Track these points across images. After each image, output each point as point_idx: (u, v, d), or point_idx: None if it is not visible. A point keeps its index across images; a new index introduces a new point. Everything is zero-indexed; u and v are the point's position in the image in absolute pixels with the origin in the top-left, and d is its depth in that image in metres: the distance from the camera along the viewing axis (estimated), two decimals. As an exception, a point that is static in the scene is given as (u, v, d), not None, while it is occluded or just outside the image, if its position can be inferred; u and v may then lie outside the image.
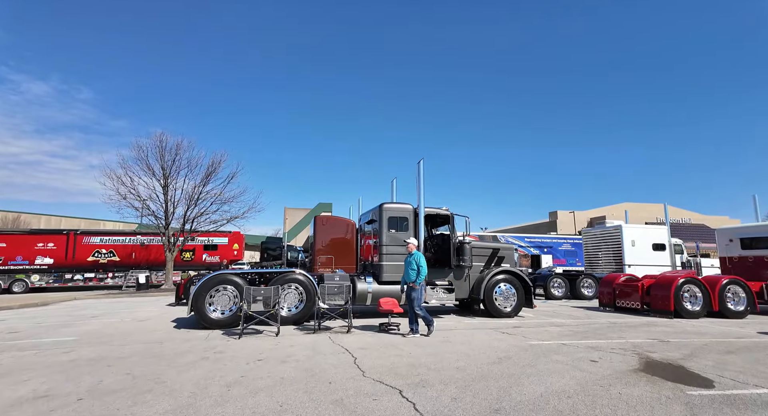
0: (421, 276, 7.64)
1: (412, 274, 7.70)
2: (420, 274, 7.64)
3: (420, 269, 7.67)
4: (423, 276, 7.64)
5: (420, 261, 7.73)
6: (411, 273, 7.71)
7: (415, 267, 7.74)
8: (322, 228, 16.17)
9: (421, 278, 7.64)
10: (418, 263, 7.73)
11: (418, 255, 7.84)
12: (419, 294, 7.71)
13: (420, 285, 7.66)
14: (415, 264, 7.75)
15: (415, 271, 7.68)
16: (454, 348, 6.42)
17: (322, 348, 6.35)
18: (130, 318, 10.12)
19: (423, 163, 10.59)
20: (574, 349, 6.48)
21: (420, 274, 7.64)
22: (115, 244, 26.78)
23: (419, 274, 7.64)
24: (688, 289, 10.95)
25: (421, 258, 7.77)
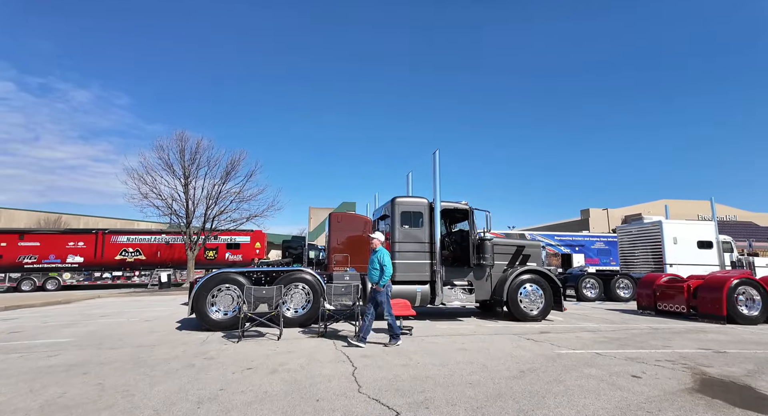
0: (386, 276, 6.70)
1: (374, 274, 6.78)
2: (384, 274, 6.70)
3: (384, 268, 6.73)
4: (387, 276, 6.72)
5: (383, 259, 6.79)
6: (373, 273, 6.79)
7: (377, 266, 6.78)
8: (338, 226, 15.67)
9: (386, 279, 6.71)
10: (380, 261, 6.77)
11: (382, 252, 6.90)
12: (385, 296, 6.74)
13: (385, 286, 6.73)
14: (378, 262, 6.79)
15: (378, 271, 6.74)
16: (470, 358, 5.66)
17: (322, 355, 5.74)
18: (137, 318, 9.90)
19: (438, 154, 9.83)
20: (611, 361, 5.58)
21: (384, 274, 6.70)
22: (141, 243, 27.31)
23: (383, 274, 6.70)
24: (744, 291, 9.67)
25: (384, 255, 6.82)
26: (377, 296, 6.77)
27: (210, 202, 22.12)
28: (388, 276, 6.73)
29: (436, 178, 9.74)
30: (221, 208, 22.45)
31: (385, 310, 6.69)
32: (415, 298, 9.29)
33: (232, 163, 22.68)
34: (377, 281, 6.74)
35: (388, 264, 6.77)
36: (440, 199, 9.72)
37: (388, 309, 6.68)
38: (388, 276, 6.73)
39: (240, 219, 22.98)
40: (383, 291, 6.73)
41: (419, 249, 9.49)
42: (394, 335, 6.55)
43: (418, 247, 9.49)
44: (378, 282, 6.73)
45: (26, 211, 54.49)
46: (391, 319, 6.60)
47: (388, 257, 6.86)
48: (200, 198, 22.23)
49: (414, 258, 9.43)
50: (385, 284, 6.73)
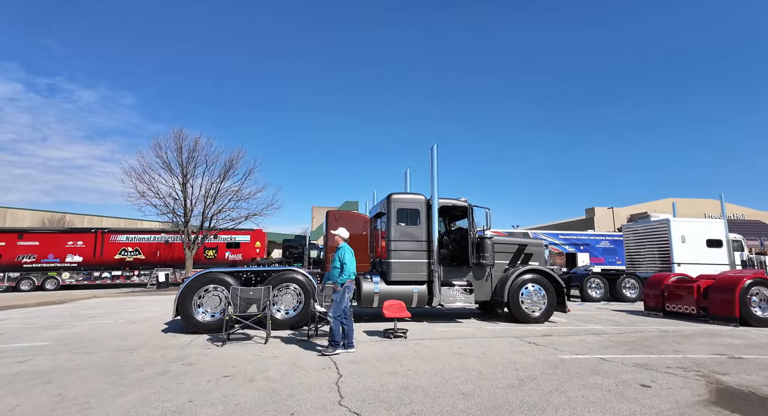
0: (345, 274, 6.14)
1: (334, 272, 6.30)
2: (343, 272, 6.15)
3: (344, 266, 6.18)
4: (347, 274, 6.14)
5: (344, 256, 6.27)
6: (334, 272, 6.31)
7: (338, 265, 6.27)
8: (336, 225, 15.32)
9: (344, 277, 6.12)
10: (341, 259, 6.26)
11: (344, 249, 6.40)
12: (340, 297, 6.11)
13: (343, 286, 6.15)
14: (338, 260, 6.30)
15: (338, 269, 6.23)
16: (465, 364, 5.28)
17: (307, 361, 5.39)
18: (125, 320, 9.60)
19: (436, 148, 9.44)
20: (618, 367, 5.18)
21: (343, 272, 6.15)
22: (140, 242, 27.11)
23: (342, 272, 6.16)
24: (758, 292, 9.21)
25: (346, 253, 6.31)
26: (333, 294, 6.26)
27: (208, 200, 21.84)
28: (347, 275, 6.15)
29: (433, 173, 9.35)
30: (219, 206, 22.16)
31: (331, 310, 6.08)
32: (412, 299, 8.92)
33: (230, 160, 22.39)
34: (335, 279, 6.21)
35: (349, 263, 6.22)
36: (438, 196, 9.33)
37: (335, 311, 6.01)
38: (347, 276, 6.15)
39: (239, 219, 22.69)
40: (340, 290, 6.16)
41: (416, 248, 9.11)
42: (332, 342, 5.88)
43: (414, 246, 9.12)
44: (336, 281, 6.19)
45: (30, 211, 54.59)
46: (334, 323, 5.95)
47: (350, 255, 6.32)
48: (198, 196, 21.96)
49: (411, 257, 9.05)
50: (343, 283, 6.16)
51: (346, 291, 6.17)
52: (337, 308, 6.05)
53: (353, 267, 6.25)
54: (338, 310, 6.03)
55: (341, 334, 5.96)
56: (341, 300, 6.10)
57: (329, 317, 6.05)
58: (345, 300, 6.11)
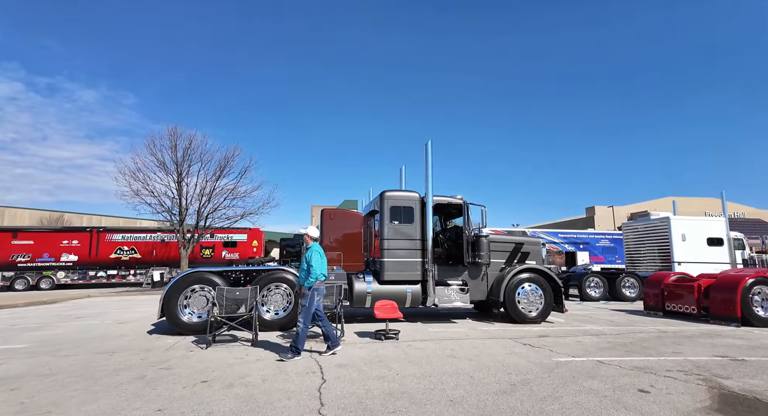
0: (312, 276, 5.64)
1: (302, 275, 5.85)
2: (310, 275, 5.66)
3: (311, 269, 5.68)
4: (314, 277, 5.66)
5: (311, 258, 5.74)
6: (301, 274, 5.87)
7: (305, 266, 5.78)
8: (330, 223, 15.06)
9: (312, 280, 5.64)
10: (308, 260, 5.76)
11: (313, 249, 5.86)
12: (309, 301, 5.66)
13: (311, 290, 5.66)
14: (305, 261, 5.81)
15: (306, 271, 5.76)
16: (457, 367, 5.07)
17: (292, 365, 5.17)
18: (112, 320, 9.39)
19: (431, 144, 9.21)
20: (615, 371, 4.97)
21: (310, 275, 5.66)
22: (136, 241, 26.90)
23: (309, 274, 5.68)
24: (760, 291, 8.99)
25: (313, 254, 5.77)
26: (301, 300, 5.78)
27: (203, 199, 21.60)
28: (315, 277, 5.67)
29: (428, 170, 9.12)
30: (215, 205, 21.93)
31: (300, 316, 5.66)
32: (406, 299, 8.71)
33: (225, 158, 22.14)
34: (303, 282, 5.76)
35: (316, 264, 5.70)
36: (433, 193, 9.10)
37: (304, 317, 5.60)
38: (315, 278, 5.67)
39: (234, 217, 22.44)
40: (308, 294, 5.69)
41: (410, 247, 8.89)
42: (294, 348, 5.48)
43: (408, 245, 8.89)
44: (303, 284, 5.74)
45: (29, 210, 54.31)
46: (302, 328, 5.54)
47: (317, 256, 5.79)
48: (194, 195, 21.72)
49: (404, 256, 8.83)
50: (311, 286, 5.67)
51: (315, 294, 5.76)
52: (307, 314, 5.64)
53: (321, 269, 5.80)
54: (308, 316, 5.65)
55: (304, 342, 5.62)
56: (311, 305, 5.69)
57: (299, 323, 5.63)
58: (315, 304, 5.72)
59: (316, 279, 5.72)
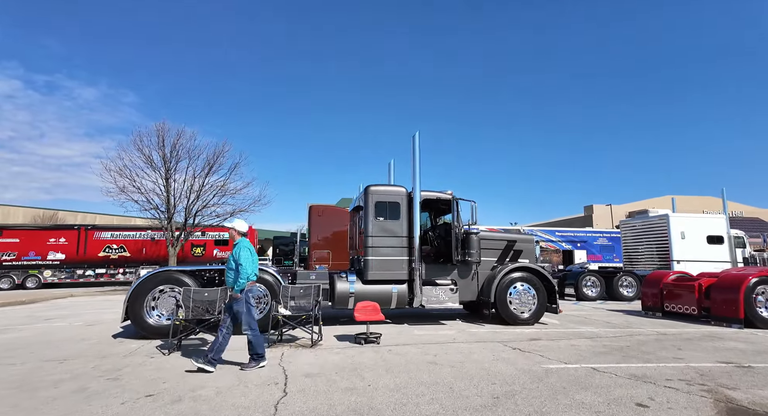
0: (242, 277, 4.96)
1: (230, 276, 5.11)
2: (240, 276, 4.96)
3: (239, 268, 4.97)
4: (245, 278, 4.98)
5: (240, 255, 5.00)
6: (229, 275, 5.13)
7: (233, 265, 5.06)
8: (318, 220, 14.59)
9: (243, 281, 4.97)
10: (236, 259, 5.03)
11: (241, 246, 5.13)
12: (244, 305, 5.02)
13: (244, 292, 5.03)
14: (233, 260, 5.09)
15: (234, 271, 5.06)
16: (437, 376, 4.60)
17: (256, 374, 4.70)
18: (82, 322, 8.90)
19: (419, 136, 8.73)
20: (611, 380, 4.51)
21: (240, 276, 4.96)
22: (125, 239, 26.39)
23: (238, 276, 4.98)
24: (763, 291, 8.56)
25: (242, 251, 5.05)
26: (233, 304, 5.06)
27: (192, 196, 21.07)
28: (245, 278, 4.99)
29: (415, 163, 8.65)
30: (204, 202, 21.39)
31: (243, 322, 5.03)
32: (391, 300, 8.25)
33: (215, 154, 21.58)
34: (232, 285, 5.07)
35: (246, 263, 5.00)
36: (421, 188, 8.63)
37: (247, 321, 5.02)
38: (245, 279, 5.00)
39: (224, 215, 21.91)
40: (241, 297, 5.02)
41: (396, 245, 8.42)
42: (255, 355, 4.97)
43: (394, 242, 8.42)
44: (233, 287, 5.04)
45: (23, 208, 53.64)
46: (252, 334, 4.98)
47: (246, 253, 5.08)
48: (182, 191, 21.17)
49: (390, 254, 8.36)
50: (242, 289, 5.02)
51: (249, 297, 5.11)
52: (249, 318, 5.06)
53: (252, 268, 5.12)
54: (251, 320, 5.06)
55: (263, 346, 5.13)
56: (249, 310, 5.07)
57: (244, 331, 5.02)
58: (252, 308, 5.14)
59: (247, 280, 5.05)
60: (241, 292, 5.03)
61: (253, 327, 5.01)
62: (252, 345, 5.00)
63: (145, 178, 20.85)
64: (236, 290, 5.01)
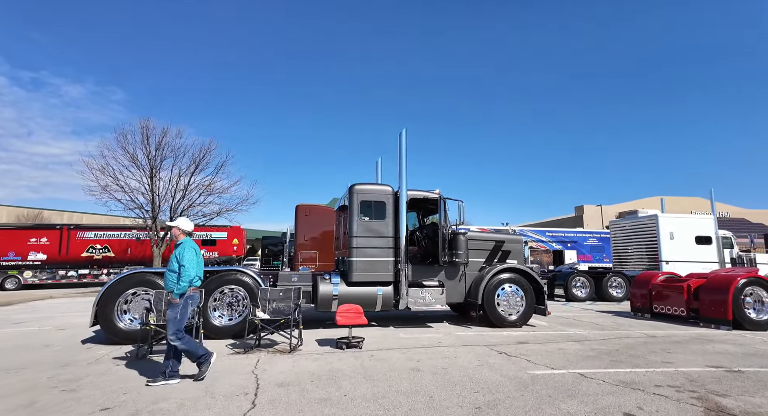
0: (184, 281, 4.47)
1: (170, 279, 4.61)
2: (182, 277, 4.49)
3: (182, 271, 4.50)
4: (186, 282, 4.48)
5: (183, 256, 4.54)
6: (169, 278, 4.63)
7: (176, 267, 4.59)
8: (305, 220, 14.27)
9: (184, 285, 4.47)
10: (178, 259, 4.58)
11: (185, 246, 4.67)
12: (180, 313, 4.50)
13: (183, 297, 4.54)
14: (176, 261, 4.62)
15: (176, 274, 4.57)
16: (418, 384, 4.38)
17: (225, 383, 4.43)
18: (52, 326, 8.52)
19: (405, 133, 8.51)
20: (598, 387, 4.33)
21: (182, 277, 4.49)
22: (110, 239, 25.81)
23: (180, 279, 4.50)
24: (752, 292, 8.50)
25: (185, 251, 4.60)
26: (169, 310, 4.56)
27: (177, 195, 20.62)
28: (187, 282, 4.48)
29: (402, 161, 8.42)
30: (190, 201, 20.95)
31: (170, 330, 4.43)
32: (376, 302, 8.01)
33: (201, 153, 21.15)
34: (172, 288, 4.55)
35: (189, 265, 4.52)
36: (408, 187, 8.41)
37: (176, 330, 4.44)
38: (187, 283, 4.48)
39: (211, 214, 21.50)
40: (179, 303, 4.49)
41: (381, 245, 8.19)
42: (199, 359, 4.48)
43: (380, 242, 8.18)
44: (173, 291, 4.53)
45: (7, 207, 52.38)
46: (181, 343, 4.43)
47: (191, 254, 4.60)
48: (167, 190, 20.72)
49: (375, 255, 8.12)
50: (183, 293, 4.52)
51: (188, 304, 4.58)
52: (180, 326, 4.51)
53: (197, 270, 4.62)
54: (180, 330, 4.51)
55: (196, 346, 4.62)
56: (182, 317, 4.51)
57: (171, 341, 4.44)
58: (186, 316, 4.61)
59: (189, 284, 4.53)
60: (181, 297, 4.53)
61: (181, 337, 4.48)
62: (189, 352, 4.51)
63: (129, 177, 20.39)
64: (176, 294, 4.50)
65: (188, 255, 4.57)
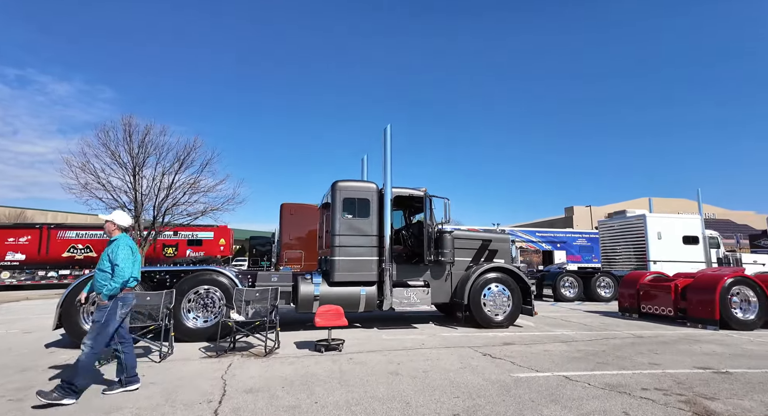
0: (115, 281, 3.99)
1: (100, 279, 4.09)
2: (114, 279, 4.01)
3: (115, 270, 4.02)
4: (118, 283, 3.99)
5: (116, 254, 4.06)
6: (99, 277, 4.10)
7: (107, 266, 4.10)
8: (290, 219, 14.01)
9: (116, 285, 3.98)
10: (111, 258, 4.08)
11: (119, 243, 4.16)
12: (107, 317, 3.98)
13: (114, 300, 4.04)
14: (108, 259, 4.11)
15: (107, 274, 4.08)
16: (395, 389, 4.15)
17: (190, 390, 4.15)
18: (19, 329, 8.10)
19: (390, 129, 8.29)
20: (583, 391, 4.14)
21: (114, 279, 4.01)
22: (92, 239, 25.16)
23: (113, 277, 4.02)
24: (738, 292, 8.43)
25: (119, 249, 4.10)
26: (95, 313, 4.04)
27: (160, 193, 20.13)
28: (119, 283, 3.99)
29: (386, 158, 8.19)
30: (174, 200, 20.47)
31: (89, 334, 3.93)
32: (359, 303, 7.77)
33: (185, 150, 20.68)
34: (101, 290, 4.03)
35: (124, 264, 4.04)
36: (393, 185, 8.18)
37: (95, 336, 3.90)
38: (118, 285, 3.99)
39: (195, 213, 21.04)
40: (107, 306, 3.98)
41: (365, 244, 7.95)
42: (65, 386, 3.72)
43: (363, 241, 7.94)
44: (101, 292, 4.01)
45: (-12, 207, 51.05)
46: (87, 354, 3.83)
47: (127, 252, 4.12)
48: (151, 188, 20.22)
49: (358, 254, 7.88)
50: (113, 294, 4.01)
51: (118, 306, 4.07)
52: (101, 333, 3.93)
53: (132, 271, 4.15)
54: (103, 337, 3.94)
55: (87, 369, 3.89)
56: (109, 321, 3.96)
57: (82, 345, 3.88)
58: (115, 322, 4.05)
59: (122, 285, 4.04)
60: (110, 299, 4.04)
61: (95, 347, 3.88)
62: (76, 368, 3.81)
63: (112, 175, 19.87)
64: (104, 295, 3.98)
65: (123, 254, 4.09)
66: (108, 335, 4.02)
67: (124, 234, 4.36)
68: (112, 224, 4.34)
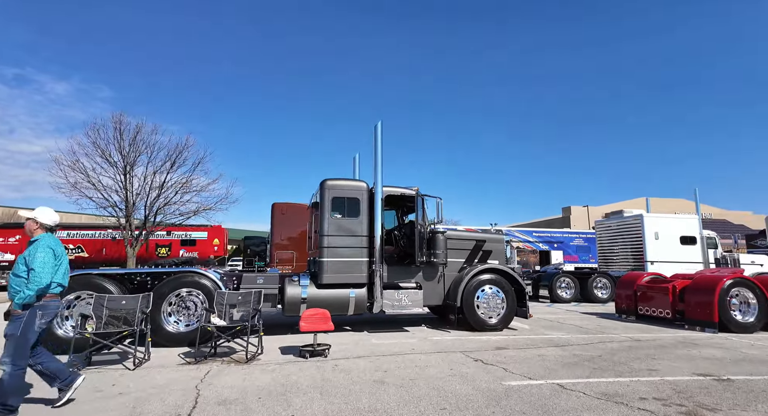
0: (33, 287, 3.45)
1: (14, 285, 3.58)
2: (29, 285, 3.46)
3: (31, 276, 3.48)
4: (34, 290, 3.45)
5: (34, 258, 3.53)
6: (13, 283, 3.59)
7: (22, 271, 3.57)
8: (282, 219, 13.71)
9: (30, 293, 3.44)
10: (28, 261, 3.56)
11: (40, 244, 3.64)
12: (22, 328, 3.45)
13: (34, 307, 3.52)
14: (23, 263, 3.60)
15: (23, 279, 3.54)
16: (378, 401, 3.90)
17: (156, 402, 3.89)
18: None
19: (381, 125, 8.05)
20: (578, 400, 3.91)
21: (29, 285, 3.46)
22: (83, 239, 24.87)
23: (27, 285, 3.47)
24: (738, 293, 8.23)
25: (40, 250, 3.58)
26: (9, 325, 3.49)
27: (152, 193, 19.84)
28: (34, 290, 3.46)
29: (377, 156, 7.95)
30: (166, 199, 20.19)
31: (6, 352, 3.45)
32: (348, 305, 7.52)
33: (177, 149, 20.40)
34: (13, 297, 3.51)
35: (42, 269, 3.51)
36: (383, 183, 7.94)
37: (13, 352, 3.42)
38: (33, 292, 3.46)
39: (188, 213, 20.76)
40: (21, 316, 3.44)
41: (354, 245, 7.71)
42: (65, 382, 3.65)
43: (352, 242, 7.70)
44: (14, 299, 3.49)
45: (-18, 207, 50.52)
46: (10, 372, 3.38)
47: (48, 255, 3.60)
48: (142, 187, 19.93)
49: (347, 255, 7.64)
50: (27, 302, 3.48)
51: (35, 316, 3.50)
52: (19, 349, 3.44)
53: (55, 276, 3.66)
54: (23, 351, 3.46)
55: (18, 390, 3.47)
56: (25, 335, 3.42)
57: (4, 367, 3.40)
58: (34, 334, 3.53)
59: (39, 292, 3.49)
60: (25, 309, 3.46)
61: (18, 363, 3.42)
62: (2, 388, 3.36)
63: (102, 174, 19.57)
64: (16, 304, 3.45)
65: (41, 257, 3.52)
66: (26, 347, 3.51)
67: (47, 234, 3.81)
68: (34, 222, 3.79)
